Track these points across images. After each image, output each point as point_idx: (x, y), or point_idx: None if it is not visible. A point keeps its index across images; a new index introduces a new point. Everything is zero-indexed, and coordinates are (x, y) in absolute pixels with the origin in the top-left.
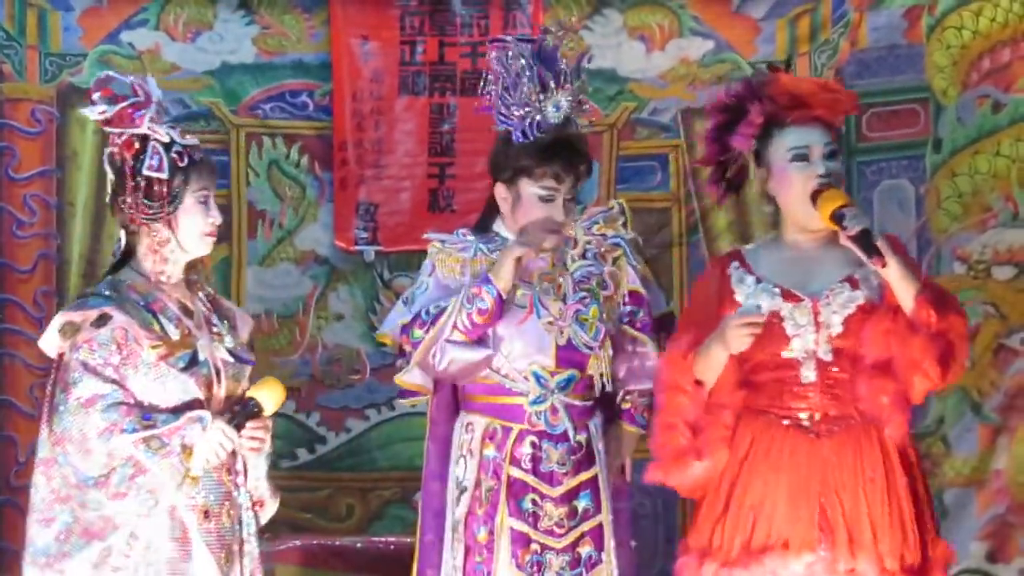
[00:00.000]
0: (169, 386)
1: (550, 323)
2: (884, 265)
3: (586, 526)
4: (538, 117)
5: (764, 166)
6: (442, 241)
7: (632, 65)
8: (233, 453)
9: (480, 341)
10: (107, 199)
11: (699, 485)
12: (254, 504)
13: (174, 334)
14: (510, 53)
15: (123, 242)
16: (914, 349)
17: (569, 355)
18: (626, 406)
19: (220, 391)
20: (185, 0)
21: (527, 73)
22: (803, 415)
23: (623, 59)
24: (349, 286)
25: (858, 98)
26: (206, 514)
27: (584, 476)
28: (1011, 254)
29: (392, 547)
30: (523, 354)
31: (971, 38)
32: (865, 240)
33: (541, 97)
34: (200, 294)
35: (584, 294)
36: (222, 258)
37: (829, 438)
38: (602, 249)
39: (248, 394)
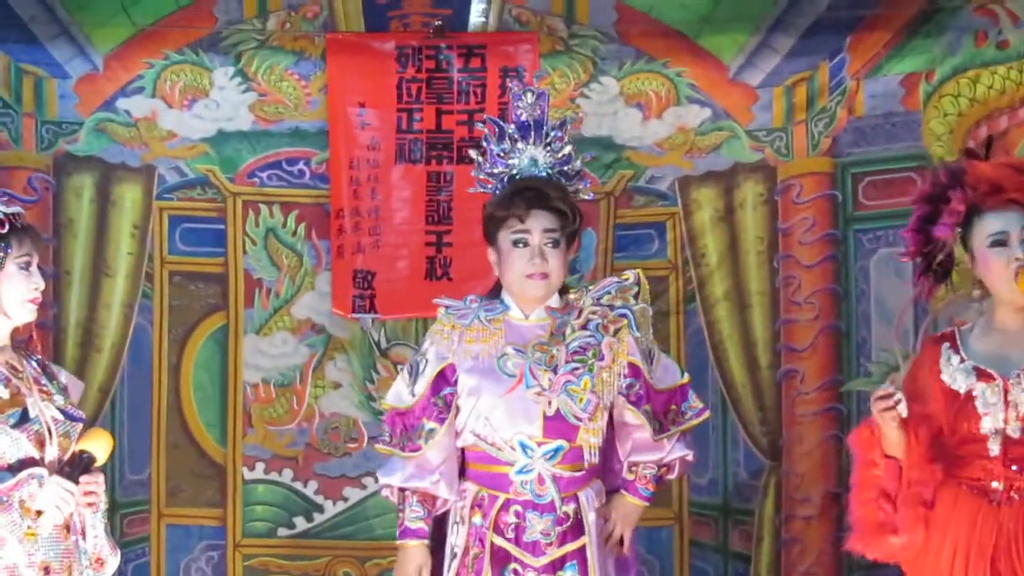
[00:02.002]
0: (1, 443)
1: (538, 393)
2: None
3: None
4: (513, 172)
5: (969, 251)
6: (447, 307)
7: (629, 133)
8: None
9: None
10: None
11: (899, 556)
12: (95, 562)
13: (3, 393)
14: (484, 127)
15: None
16: None
17: (557, 425)
18: (631, 477)
19: (53, 448)
20: (181, 67)
21: (497, 135)
22: (986, 484)
23: (620, 127)
24: (346, 355)
25: None
26: (47, 571)
27: (570, 547)
28: None
29: None
30: (509, 424)
31: (968, 105)
32: None
33: (514, 152)
34: (29, 358)
35: (577, 365)
36: (219, 327)
37: (1009, 507)
38: (606, 320)
39: (79, 447)
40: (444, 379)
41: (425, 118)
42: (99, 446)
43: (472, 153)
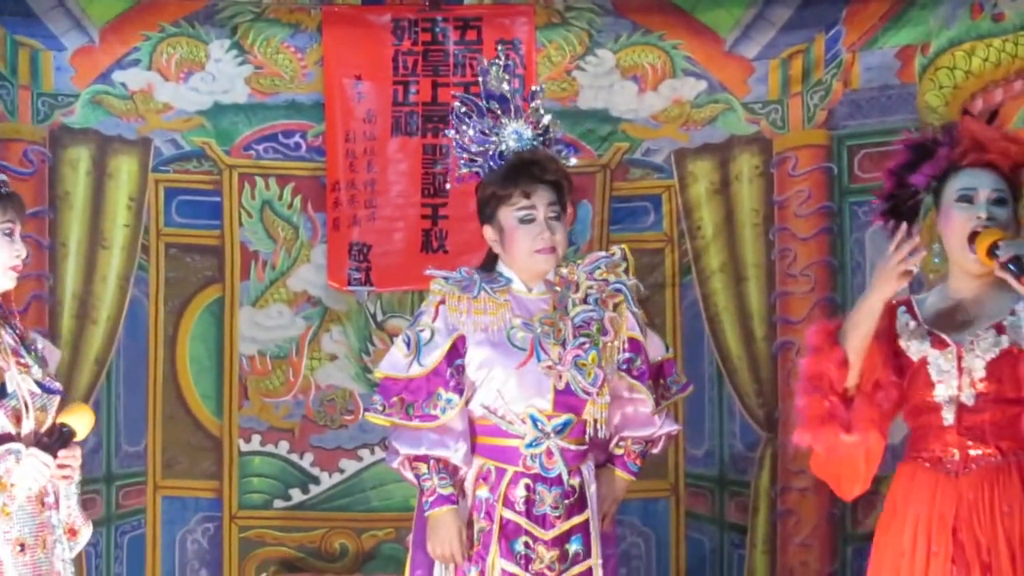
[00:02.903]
0: None
1: (549, 367)
2: None
3: (576, 570)
4: (501, 148)
5: (937, 207)
6: (445, 278)
7: (625, 105)
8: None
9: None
10: None
11: (849, 468)
12: (67, 532)
13: None
14: (458, 105)
15: None
16: None
17: (566, 400)
18: (619, 452)
19: (29, 422)
20: (178, 40)
21: (475, 113)
22: (942, 455)
23: (616, 100)
24: (342, 327)
25: None
26: (22, 547)
27: (576, 520)
28: None
29: None
30: (521, 397)
31: (964, 78)
32: (1016, 264)
33: (497, 129)
34: (7, 327)
35: (584, 339)
36: (215, 299)
37: (966, 476)
38: (603, 295)
39: (60, 420)
40: (456, 351)
41: (421, 91)
42: (80, 421)
43: (450, 134)
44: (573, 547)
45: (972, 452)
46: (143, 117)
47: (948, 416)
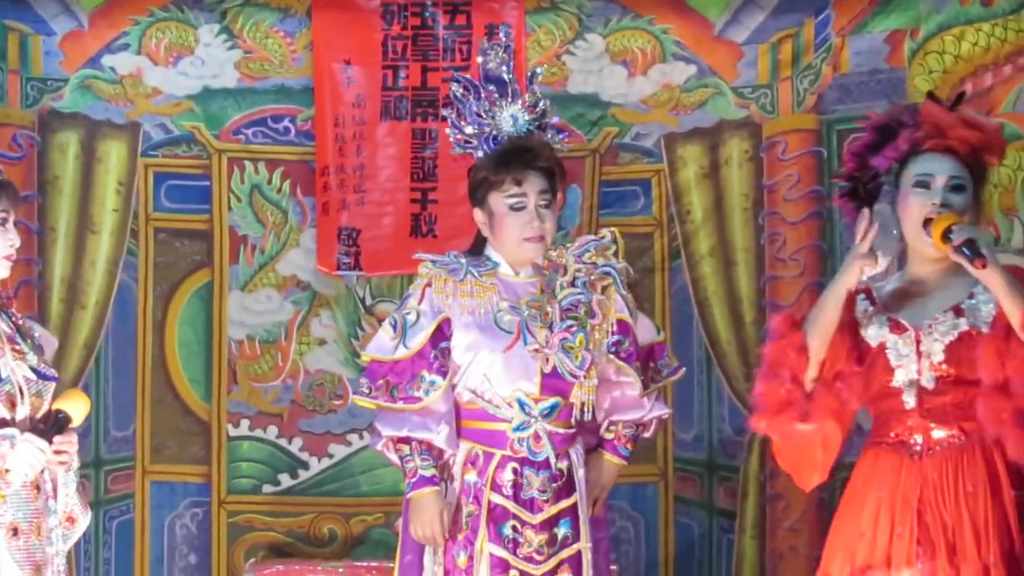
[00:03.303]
0: None
1: (536, 350)
2: (985, 266)
3: (565, 554)
4: (494, 132)
5: (897, 190)
6: (433, 261)
7: (614, 90)
8: (43, 470)
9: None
10: None
11: (805, 456)
12: (66, 520)
13: None
14: (456, 85)
15: None
16: None
17: (554, 383)
18: (609, 436)
19: (24, 408)
20: (167, 24)
21: (472, 95)
22: (905, 438)
23: (605, 84)
24: (331, 311)
25: (1004, 140)
26: (15, 531)
27: (564, 504)
28: None
29: (374, 572)
30: (507, 380)
31: (953, 62)
32: (969, 247)
33: (493, 112)
34: (3, 314)
35: (571, 322)
36: (204, 284)
37: (930, 458)
38: (592, 277)
39: (56, 406)
40: (441, 333)
41: (410, 75)
42: (76, 407)
43: (445, 113)
44: (562, 531)
45: (935, 434)
46: (132, 101)
47: (909, 400)
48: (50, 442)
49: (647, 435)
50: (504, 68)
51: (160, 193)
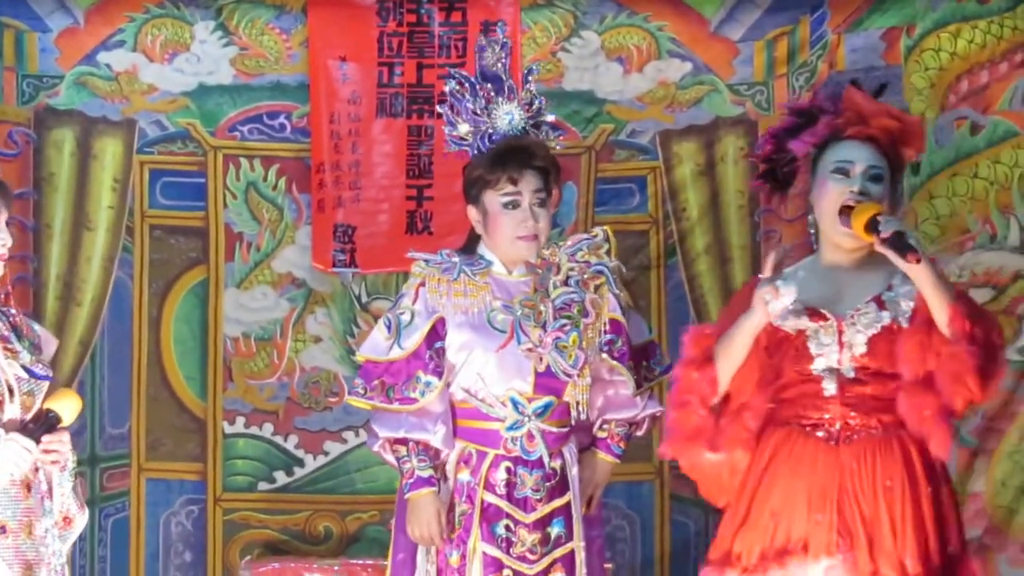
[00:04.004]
0: None
1: (529, 350)
2: (919, 261)
3: (558, 553)
4: (490, 130)
5: (813, 176)
6: (426, 260)
7: (610, 87)
8: (36, 470)
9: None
10: None
11: (712, 480)
12: (62, 520)
13: None
14: (452, 82)
15: None
16: (954, 361)
17: (547, 382)
18: (602, 435)
19: (13, 407)
20: (162, 21)
21: (469, 92)
22: (822, 424)
23: (600, 81)
24: (327, 309)
25: (923, 132)
26: (3, 530)
27: (558, 503)
28: (988, 276)
29: (369, 570)
30: (501, 379)
31: (949, 60)
32: (899, 240)
33: (489, 110)
34: (1, 313)
35: (564, 321)
36: (199, 281)
37: (848, 446)
38: (585, 276)
39: (45, 406)
40: (436, 333)
41: (406, 72)
42: (66, 406)
43: (440, 108)
44: (555, 530)
45: (853, 423)
46: (128, 98)
47: (830, 387)
48: (38, 442)
49: (640, 433)
50: (501, 66)
51: (156, 190)
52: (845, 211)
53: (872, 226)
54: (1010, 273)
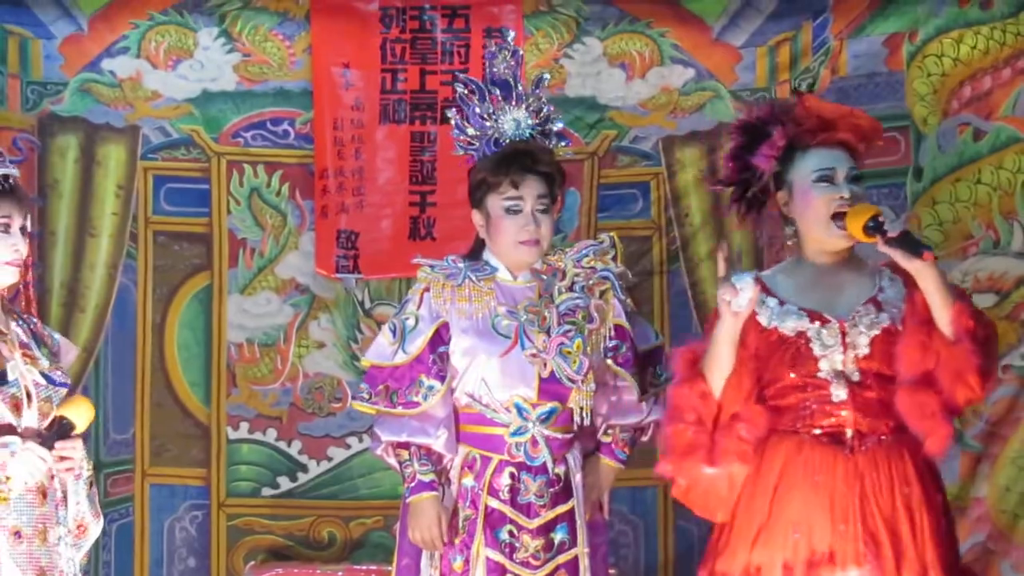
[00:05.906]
0: None
1: (533, 355)
2: (935, 258)
3: (562, 559)
4: (496, 135)
5: (785, 188)
6: (431, 266)
7: (612, 93)
8: (52, 477)
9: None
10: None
11: (711, 495)
12: (76, 527)
13: None
14: (461, 87)
15: None
16: (957, 359)
17: (552, 388)
18: (607, 440)
19: (31, 412)
20: (166, 28)
21: (477, 97)
22: (834, 431)
23: (603, 87)
24: (330, 314)
25: (881, 128)
26: (17, 535)
27: (561, 509)
28: (992, 281)
29: (373, 575)
30: (505, 385)
31: (952, 66)
32: (908, 240)
33: (496, 115)
34: (18, 320)
35: (569, 327)
36: (203, 287)
37: (863, 454)
38: (590, 282)
39: (58, 413)
40: (439, 337)
41: (409, 78)
42: (79, 413)
43: (449, 113)
44: (558, 536)
45: (865, 429)
46: (131, 105)
47: (839, 392)
48: (51, 449)
49: (645, 439)
50: (510, 72)
51: (159, 196)
52: (838, 216)
53: (874, 227)
54: (1013, 278)
